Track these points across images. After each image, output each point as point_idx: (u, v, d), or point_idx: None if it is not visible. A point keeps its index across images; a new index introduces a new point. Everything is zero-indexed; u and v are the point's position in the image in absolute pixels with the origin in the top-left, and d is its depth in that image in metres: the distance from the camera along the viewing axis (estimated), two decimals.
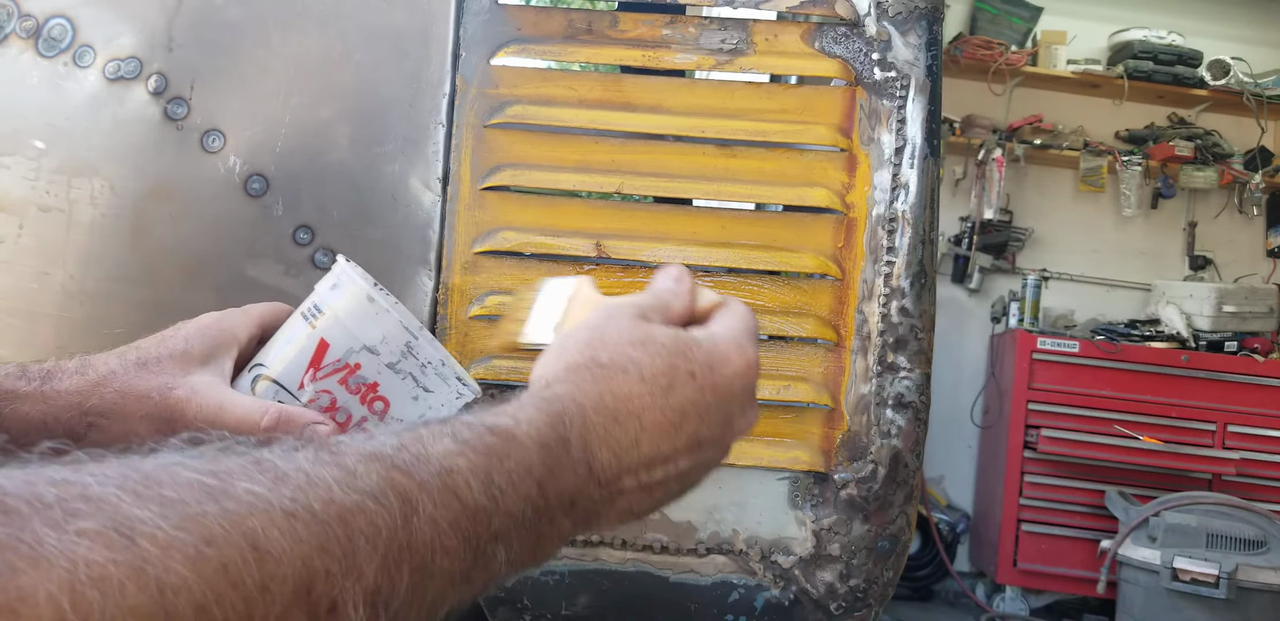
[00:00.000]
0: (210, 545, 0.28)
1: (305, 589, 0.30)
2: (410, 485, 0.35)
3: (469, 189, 0.83)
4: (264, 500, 0.30)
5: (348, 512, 0.32)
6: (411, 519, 0.34)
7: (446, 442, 0.38)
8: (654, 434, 0.46)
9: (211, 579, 0.27)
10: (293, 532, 0.30)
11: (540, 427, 0.42)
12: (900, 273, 0.82)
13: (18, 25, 0.84)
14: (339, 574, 0.31)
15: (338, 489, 0.32)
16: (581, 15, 0.86)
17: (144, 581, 0.26)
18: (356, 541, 0.32)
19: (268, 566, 0.29)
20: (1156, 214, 3.91)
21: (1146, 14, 3.77)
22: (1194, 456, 3.06)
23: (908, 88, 0.83)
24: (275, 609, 0.29)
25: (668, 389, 0.47)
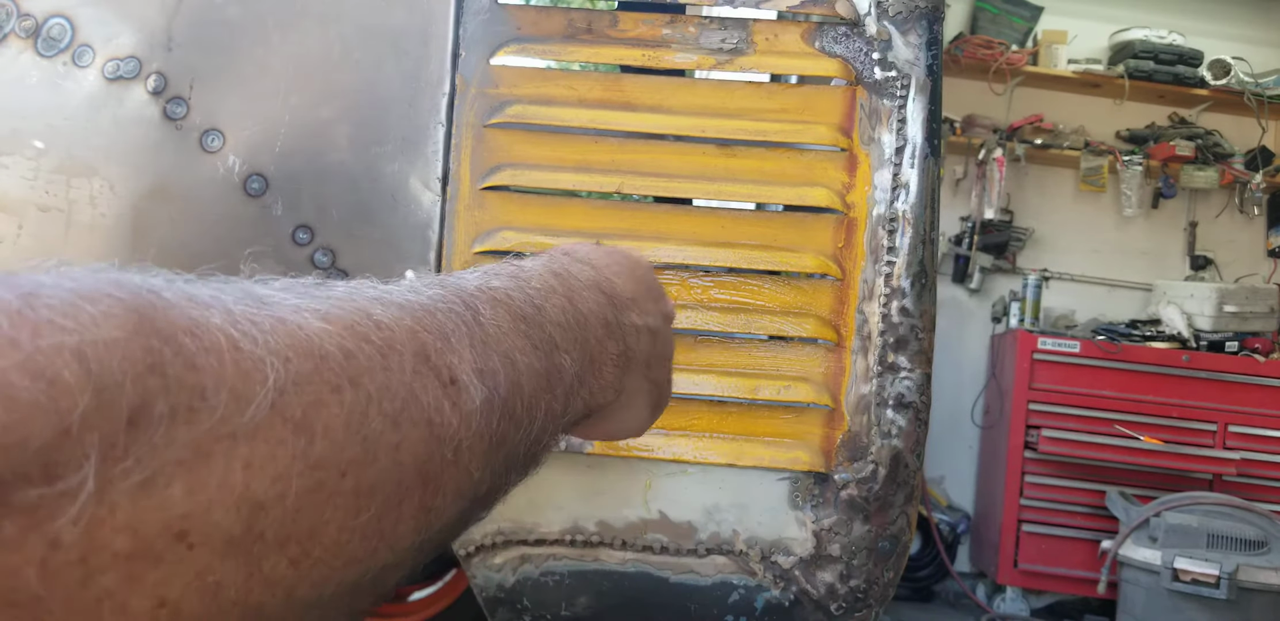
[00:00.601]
0: (334, 307, 0.30)
1: (424, 355, 0.32)
2: (464, 295, 0.37)
3: (469, 189, 0.83)
4: (357, 294, 0.32)
5: (427, 308, 0.34)
6: (479, 318, 0.36)
7: (474, 274, 0.41)
8: (626, 281, 0.50)
9: (344, 332, 0.29)
10: (392, 311, 0.32)
11: (542, 264, 0.46)
12: (901, 272, 0.82)
13: (17, 25, 0.84)
14: (444, 350, 0.33)
15: (410, 294, 0.35)
16: (581, 15, 0.85)
17: (290, 327, 0.28)
18: (445, 327, 0.34)
19: (383, 331, 0.31)
20: (1157, 214, 3.91)
21: (1147, 13, 3.77)
22: (1195, 456, 3.06)
23: (908, 87, 0.83)
24: (407, 366, 0.31)
25: (610, 255, 0.52)
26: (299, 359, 0.27)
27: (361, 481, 0.28)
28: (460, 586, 1.65)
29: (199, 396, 0.24)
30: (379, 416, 0.29)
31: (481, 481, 0.35)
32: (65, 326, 0.23)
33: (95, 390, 0.22)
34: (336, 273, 0.83)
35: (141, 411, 0.23)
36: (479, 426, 0.33)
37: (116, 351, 0.23)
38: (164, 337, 0.24)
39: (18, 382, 0.21)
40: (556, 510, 0.83)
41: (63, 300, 0.23)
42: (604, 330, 0.46)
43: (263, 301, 0.29)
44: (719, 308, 0.82)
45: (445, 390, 0.32)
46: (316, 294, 0.31)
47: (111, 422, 0.22)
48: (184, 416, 0.24)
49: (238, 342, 0.26)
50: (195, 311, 0.26)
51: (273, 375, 0.26)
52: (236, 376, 0.25)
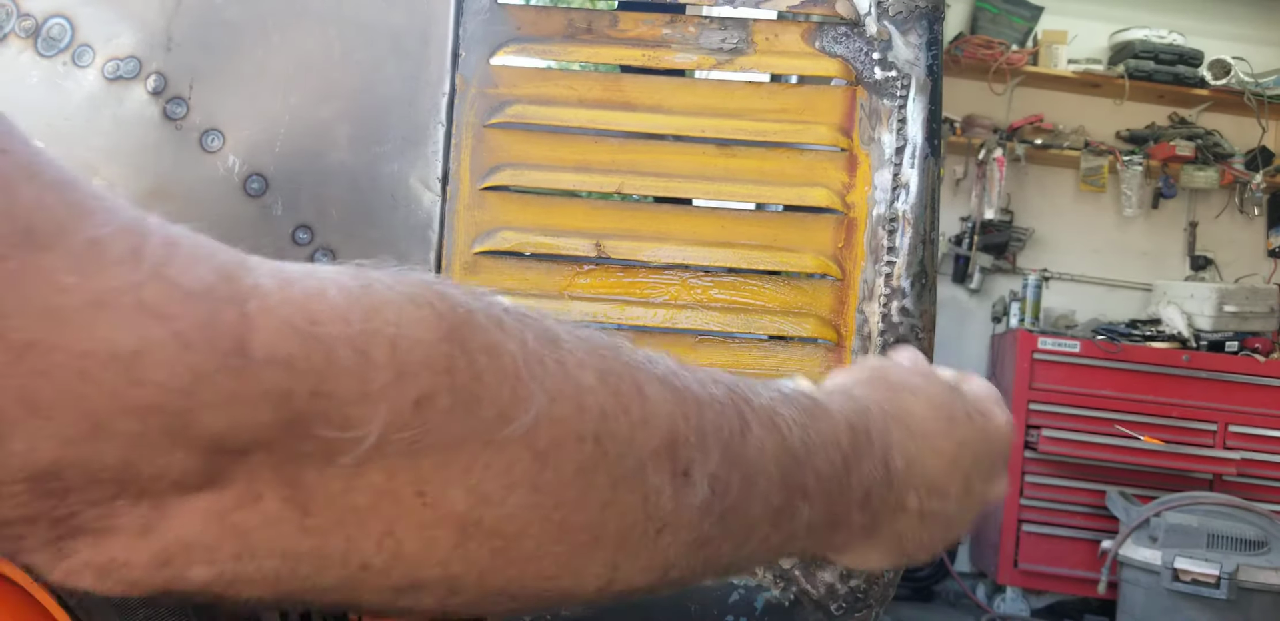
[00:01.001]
0: (611, 374, 0.33)
1: (671, 443, 0.33)
2: (746, 408, 0.37)
3: (469, 188, 0.83)
4: (644, 366, 0.34)
5: (703, 403, 0.35)
6: (745, 434, 0.37)
7: (771, 392, 0.40)
8: (937, 459, 0.45)
9: (611, 396, 0.32)
10: (664, 395, 0.34)
11: (847, 412, 0.43)
12: (901, 272, 0.82)
13: (17, 25, 0.84)
14: (693, 446, 0.34)
15: (695, 385, 0.36)
16: (581, 15, 0.85)
17: (568, 374, 0.31)
18: (706, 427, 0.35)
19: (647, 407, 0.33)
20: (1157, 214, 3.91)
21: (1147, 13, 3.77)
22: (1195, 456, 3.06)
23: (908, 87, 0.83)
24: (650, 444, 0.33)
25: (950, 420, 0.47)
26: (562, 402, 0.31)
27: (568, 518, 0.32)
28: None
29: (475, 402, 0.29)
30: (604, 474, 0.32)
31: (674, 566, 0.36)
32: (389, 319, 0.28)
33: (396, 372, 0.27)
34: None
35: (427, 398, 0.28)
36: (688, 520, 0.35)
37: (422, 349, 0.28)
38: (464, 350, 0.29)
39: (340, 350, 0.27)
40: None
41: (393, 299, 0.28)
42: (862, 499, 0.43)
43: (557, 345, 0.32)
44: (719, 307, 0.82)
45: (673, 479, 0.34)
46: (605, 354, 0.34)
47: (401, 399, 0.27)
48: (459, 414, 0.29)
49: (520, 373, 0.30)
50: (497, 336, 0.30)
51: (534, 409, 0.30)
52: (509, 399, 0.30)
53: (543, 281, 0.83)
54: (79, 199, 0.26)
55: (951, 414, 0.47)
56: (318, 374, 0.26)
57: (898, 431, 0.44)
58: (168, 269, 0.26)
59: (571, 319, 0.37)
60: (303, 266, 0.29)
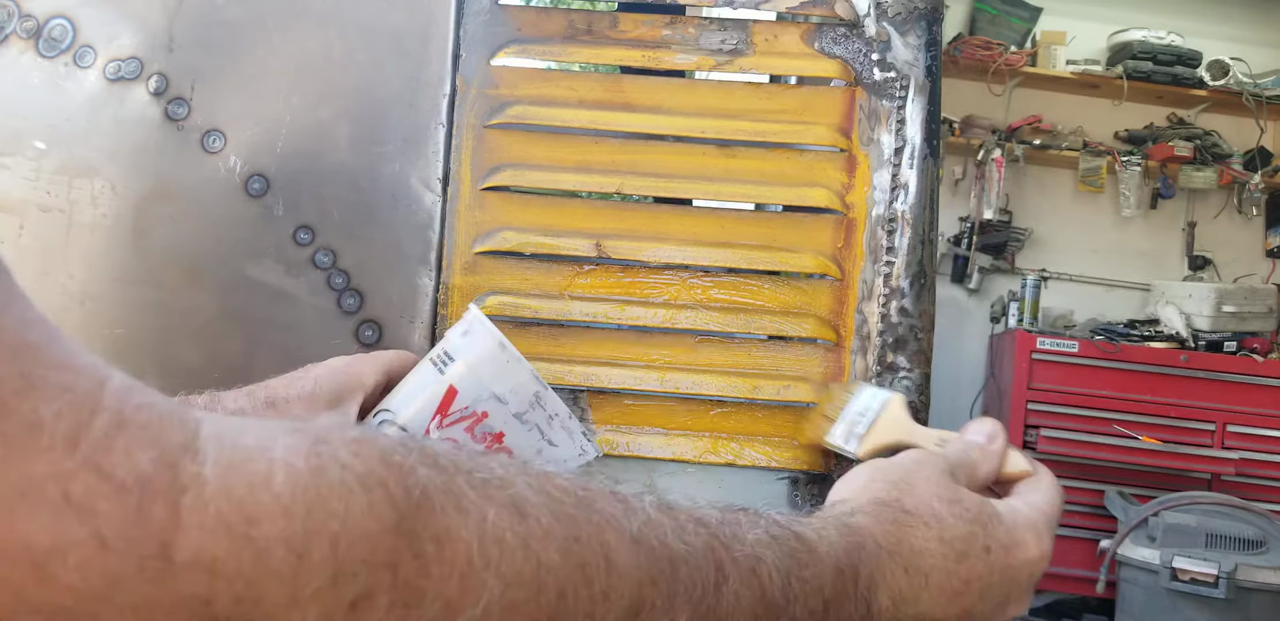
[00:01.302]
0: (577, 543, 0.31)
1: (635, 611, 0.33)
2: (726, 557, 0.37)
3: (469, 189, 0.84)
4: (618, 522, 0.33)
5: (677, 559, 0.34)
6: (721, 587, 0.36)
7: (758, 532, 0.39)
8: (934, 595, 0.45)
9: (574, 570, 0.31)
10: (635, 557, 0.33)
11: (838, 551, 0.42)
12: (900, 273, 0.82)
13: (18, 25, 0.84)
14: (661, 609, 0.33)
15: (671, 536, 0.35)
16: (582, 16, 0.86)
17: (529, 553, 0.30)
18: (677, 587, 0.34)
19: (613, 577, 0.32)
20: (1156, 214, 3.91)
21: (1146, 14, 3.77)
22: (1193, 456, 3.06)
23: (907, 88, 0.83)
24: (611, 615, 0.32)
25: (961, 556, 0.46)
26: (517, 587, 0.29)
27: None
28: None
29: (417, 598, 0.27)
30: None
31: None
32: (334, 511, 0.26)
33: (333, 573, 0.25)
34: (337, 272, 0.83)
35: (365, 598, 0.26)
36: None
37: (366, 544, 0.26)
38: (412, 540, 0.27)
39: (274, 551, 0.25)
40: None
41: (344, 484, 0.26)
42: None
43: (523, 515, 0.30)
44: (719, 307, 0.82)
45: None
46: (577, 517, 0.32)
47: (336, 603, 0.26)
48: (398, 612, 0.27)
49: (473, 560, 0.28)
50: (453, 520, 0.28)
51: (486, 597, 0.28)
52: (457, 591, 0.28)
53: (543, 281, 0.83)
54: (32, 370, 0.24)
55: (966, 549, 0.46)
56: (244, 578, 0.24)
57: (892, 568, 0.44)
58: (105, 457, 0.24)
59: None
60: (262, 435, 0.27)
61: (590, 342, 0.82)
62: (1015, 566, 0.49)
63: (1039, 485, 0.56)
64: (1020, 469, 0.58)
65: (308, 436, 0.28)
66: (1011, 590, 0.49)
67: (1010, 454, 0.58)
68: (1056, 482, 0.56)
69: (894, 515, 0.46)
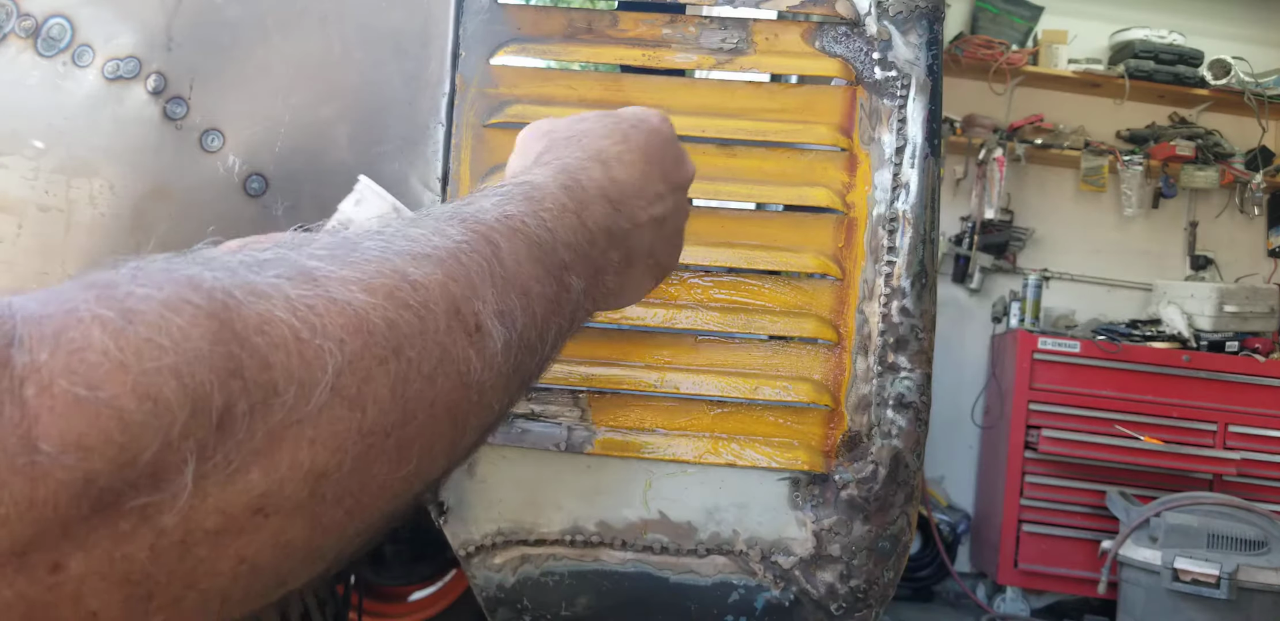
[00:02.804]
0: (376, 277, 0.32)
1: (454, 309, 0.35)
2: (485, 229, 0.40)
3: (469, 188, 0.83)
4: (391, 249, 0.35)
5: (454, 253, 0.37)
6: (499, 254, 0.39)
7: (494, 198, 0.43)
8: (637, 172, 0.52)
9: (386, 301, 0.32)
10: (425, 268, 0.35)
11: (553, 177, 0.48)
12: (901, 272, 0.82)
13: (17, 25, 0.84)
14: (472, 298, 0.36)
15: (436, 238, 0.37)
16: (581, 15, 0.85)
17: (341, 306, 0.30)
18: (471, 273, 0.37)
19: (420, 292, 0.33)
20: (1157, 214, 3.91)
21: (1147, 13, 3.77)
22: (1195, 456, 3.06)
23: (908, 87, 0.83)
24: (440, 325, 0.34)
25: (625, 137, 0.53)
26: (351, 338, 0.30)
27: (403, 438, 0.32)
28: (460, 587, 1.65)
29: (273, 391, 0.27)
30: (418, 378, 0.32)
31: (499, 410, 0.39)
32: (163, 345, 0.25)
33: (192, 402, 0.25)
34: None
35: (227, 414, 0.26)
36: (499, 366, 0.36)
37: (205, 363, 0.26)
38: (240, 341, 0.27)
39: (129, 406, 0.24)
40: (556, 510, 0.82)
41: (155, 314, 0.26)
42: (607, 241, 0.48)
43: (313, 279, 0.31)
44: (719, 307, 0.82)
45: (471, 339, 0.35)
46: (354, 258, 0.33)
47: (204, 429, 0.26)
48: (260, 412, 0.27)
49: (300, 333, 0.29)
50: (261, 306, 0.28)
51: (331, 361, 0.29)
52: (302, 367, 0.28)
53: None
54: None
55: (622, 133, 0.54)
56: (115, 443, 0.24)
57: (595, 167, 0.50)
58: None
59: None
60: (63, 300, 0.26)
61: (590, 343, 0.82)
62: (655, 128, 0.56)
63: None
64: None
65: (98, 286, 0.27)
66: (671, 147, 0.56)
67: None
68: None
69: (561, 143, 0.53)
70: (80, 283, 0.27)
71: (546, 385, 0.81)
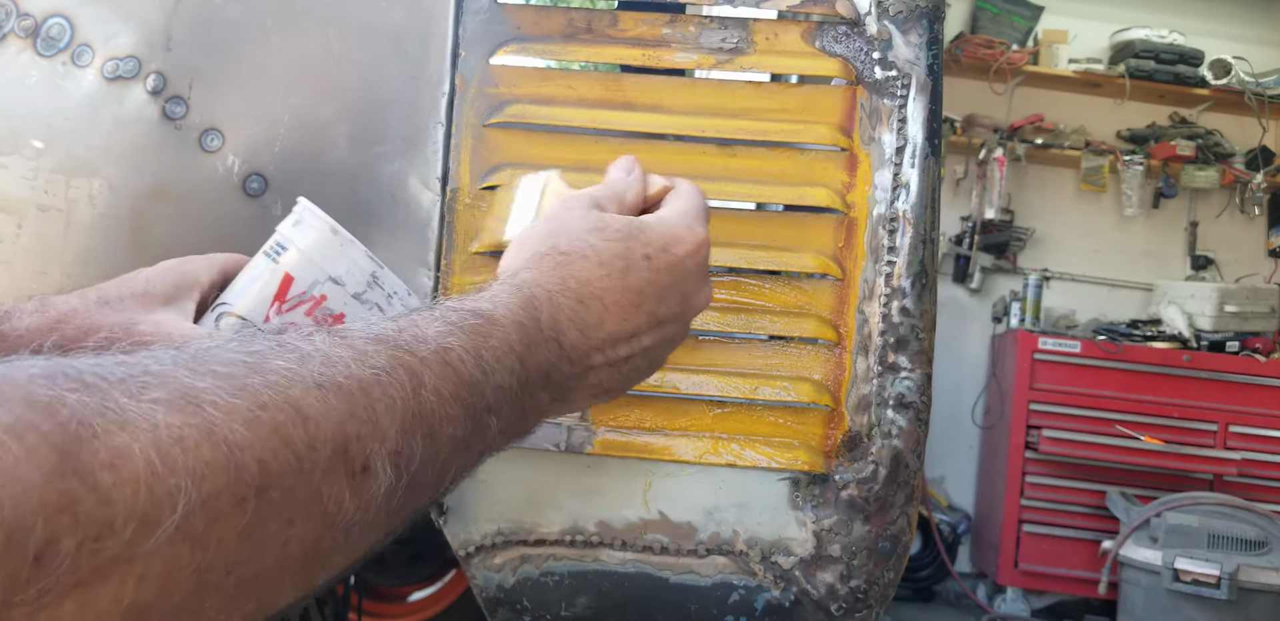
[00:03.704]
0: (264, 409, 0.31)
1: (343, 449, 0.33)
2: (414, 362, 0.38)
3: (468, 188, 0.83)
4: (297, 374, 0.33)
5: (368, 385, 0.35)
6: (420, 391, 0.38)
7: (438, 325, 0.42)
8: (616, 313, 0.50)
9: (268, 438, 0.30)
10: (325, 401, 0.33)
11: (515, 310, 0.46)
12: (901, 272, 0.82)
13: (16, 24, 0.84)
14: (368, 437, 0.34)
15: (354, 366, 0.36)
16: (581, 14, 0.85)
17: (215, 440, 0.29)
18: (378, 409, 0.35)
19: (310, 428, 0.32)
20: (1158, 214, 3.90)
21: (1148, 13, 3.77)
22: (1195, 457, 3.06)
23: (909, 87, 0.83)
24: (320, 465, 0.32)
25: (625, 271, 0.50)
26: (214, 476, 0.28)
27: (244, 575, 0.30)
28: (460, 587, 1.65)
29: (108, 528, 0.26)
30: (275, 520, 0.30)
31: (373, 545, 0.37)
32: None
33: (6, 534, 0.24)
34: None
35: (48, 548, 0.24)
36: (377, 508, 0.35)
37: (33, 496, 0.24)
38: (82, 475, 0.25)
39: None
40: (556, 510, 0.82)
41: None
42: (543, 385, 0.46)
43: (197, 404, 0.29)
44: (719, 307, 0.82)
45: (351, 481, 0.33)
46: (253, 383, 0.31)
47: (17, 560, 0.24)
48: (89, 547, 0.25)
49: (156, 469, 0.27)
50: (120, 438, 0.27)
51: (183, 500, 0.27)
52: (149, 505, 0.27)
53: None
54: None
55: (627, 264, 0.51)
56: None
57: (567, 305, 0.48)
58: None
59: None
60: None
61: None
62: (678, 260, 0.53)
63: (679, 191, 0.60)
64: (660, 186, 0.61)
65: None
66: (686, 282, 0.53)
67: (651, 177, 0.61)
68: (694, 186, 0.61)
69: (553, 260, 0.50)
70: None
71: None
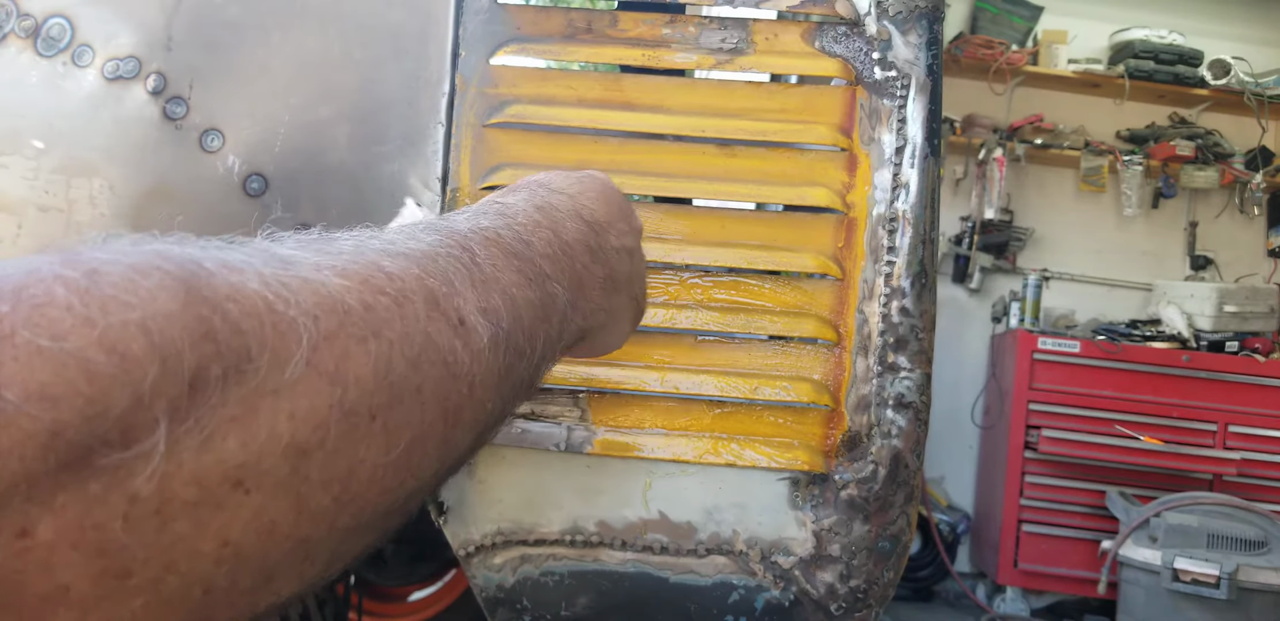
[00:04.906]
0: (348, 267, 0.32)
1: (433, 301, 0.34)
2: (459, 237, 0.40)
3: (468, 188, 0.83)
4: (365, 246, 0.35)
5: (429, 254, 0.37)
6: (475, 260, 0.39)
7: (464, 215, 0.44)
8: (598, 205, 0.53)
9: (361, 286, 0.32)
10: (399, 262, 0.34)
11: (523, 199, 0.48)
12: (901, 272, 0.82)
13: (17, 25, 0.84)
14: (450, 293, 0.35)
15: (409, 241, 0.37)
16: (581, 14, 0.85)
17: (314, 285, 0.30)
18: (448, 271, 0.36)
19: (395, 282, 0.33)
20: (1157, 214, 3.91)
21: (1147, 13, 3.77)
22: (1195, 456, 3.06)
23: (908, 87, 0.83)
24: (421, 313, 0.33)
25: (580, 183, 0.55)
26: (326, 316, 0.30)
27: (390, 422, 0.31)
28: (460, 587, 1.65)
29: (246, 358, 0.27)
30: (401, 361, 0.31)
31: (493, 411, 0.38)
32: (129, 302, 0.25)
33: (161, 360, 0.25)
34: None
35: (199, 376, 0.26)
36: (488, 361, 0.36)
37: (175, 323, 0.25)
38: (212, 306, 0.27)
39: (95, 358, 0.23)
40: (556, 510, 0.82)
41: (121, 276, 0.26)
42: (588, 256, 0.49)
43: (286, 262, 0.31)
44: (719, 307, 0.82)
45: (456, 331, 0.35)
46: (329, 250, 0.33)
47: (177, 388, 0.25)
48: (234, 378, 0.26)
49: (273, 305, 0.28)
50: (234, 277, 0.28)
51: (305, 334, 0.29)
52: (275, 337, 0.28)
53: None
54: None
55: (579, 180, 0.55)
56: (82, 395, 0.23)
57: (563, 200, 0.51)
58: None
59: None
60: (20, 266, 0.26)
61: None
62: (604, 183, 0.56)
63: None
64: None
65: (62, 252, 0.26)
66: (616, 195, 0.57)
67: None
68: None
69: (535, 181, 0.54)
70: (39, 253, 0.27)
71: (547, 385, 0.81)
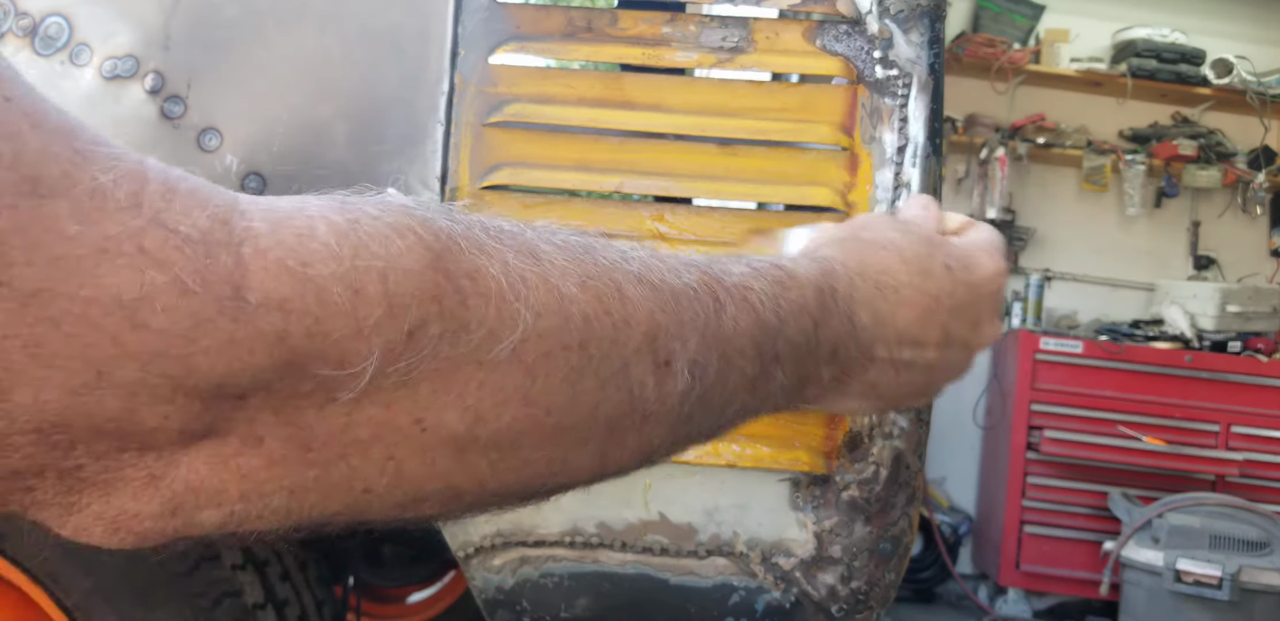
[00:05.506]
0: (591, 279, 0.34)
1: (652, 336, 0.36)
2: (719, 288, 0.40)
3: (468, 188, 0.83)
4: (620, 265, 0.36)
5: (678, 293, 0.38)
6: (720, 314, 0.39)
7: (742, 267, 0.43)
8: (908, 312, 0.49)
9: (592, 302, 0.34)
10: (642, 291, 0.36)
11: (814, 276, 0.46)
12: None
13: (14, 23, 0.84)
14: (673, 336, 0.37)
15: (668, 275, 0.38)
16: (581, 13, 0.85)
17: (550, 288, 0.33)
18: (684, 315, 0.37)
19: (627, 307, 0.35)
20: (1160, 213, 3.90)
21: (1150, 12, 3.76)
22: (1197, 457, 3.05)
23: (910, 86, 0.82)
24: (632, 344, 0.35)
25: (925, 273, 0.50)
26: (548, 316, 0.32)
27: (560, 422, 0.34)
28: (459, 588, 1.65)
29: (464, 328, 0.30)
30: (592, 377, 0.34)
31: (659, 446, 0.39)
32: (377, 253, 0.29)
33: (388, 305, 0.28)
34: None
35: (419, 328, 0.29)
36: (672, 405, 0.37)
37: (411, 279, 0.29)
38: (449, 276, 0.30)
39: (332, 288, 0.27)
40: (556, 511, 0.82)
41: (378, 231, 0.29)
42: (828, 357, 0.47)
43: (538, 258, 0.33)
44: None
45: (657, 370, 0.36)
46: (585, 259, 0.35)
47: (395, 332, 0.28)
48: (449, 339, 0.30)
49: (504, 293, 0.31)
50: (480, 260, 0.31)
51: (522, 326, 0.31)
52: (495, 320, 0.31)
53: None
54: (82, 146, 0.27)
55: (926, 267, 0.50)
56: (311, 314, 0.27)
57: (864, 288, 0.48)
58: (166, 215, 0.26)
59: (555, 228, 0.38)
60: (294, 202, 0.30)
61: None
62: (977, 281, 0.52)
63: (978, 226, 0.61)
64: (959, 222, 0.61)
65: (335, 199, 0.30)
66: (981, 307, 0.53)
67: (948, 214, 0.61)
68: (992, 228, 0.61)
69: (855, 244, 0.50)
70: (317, 195, 0.31)
71: None
